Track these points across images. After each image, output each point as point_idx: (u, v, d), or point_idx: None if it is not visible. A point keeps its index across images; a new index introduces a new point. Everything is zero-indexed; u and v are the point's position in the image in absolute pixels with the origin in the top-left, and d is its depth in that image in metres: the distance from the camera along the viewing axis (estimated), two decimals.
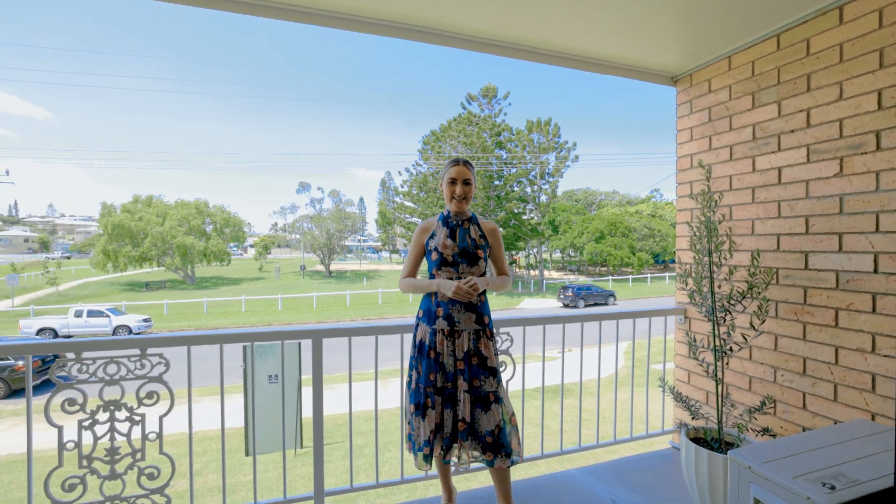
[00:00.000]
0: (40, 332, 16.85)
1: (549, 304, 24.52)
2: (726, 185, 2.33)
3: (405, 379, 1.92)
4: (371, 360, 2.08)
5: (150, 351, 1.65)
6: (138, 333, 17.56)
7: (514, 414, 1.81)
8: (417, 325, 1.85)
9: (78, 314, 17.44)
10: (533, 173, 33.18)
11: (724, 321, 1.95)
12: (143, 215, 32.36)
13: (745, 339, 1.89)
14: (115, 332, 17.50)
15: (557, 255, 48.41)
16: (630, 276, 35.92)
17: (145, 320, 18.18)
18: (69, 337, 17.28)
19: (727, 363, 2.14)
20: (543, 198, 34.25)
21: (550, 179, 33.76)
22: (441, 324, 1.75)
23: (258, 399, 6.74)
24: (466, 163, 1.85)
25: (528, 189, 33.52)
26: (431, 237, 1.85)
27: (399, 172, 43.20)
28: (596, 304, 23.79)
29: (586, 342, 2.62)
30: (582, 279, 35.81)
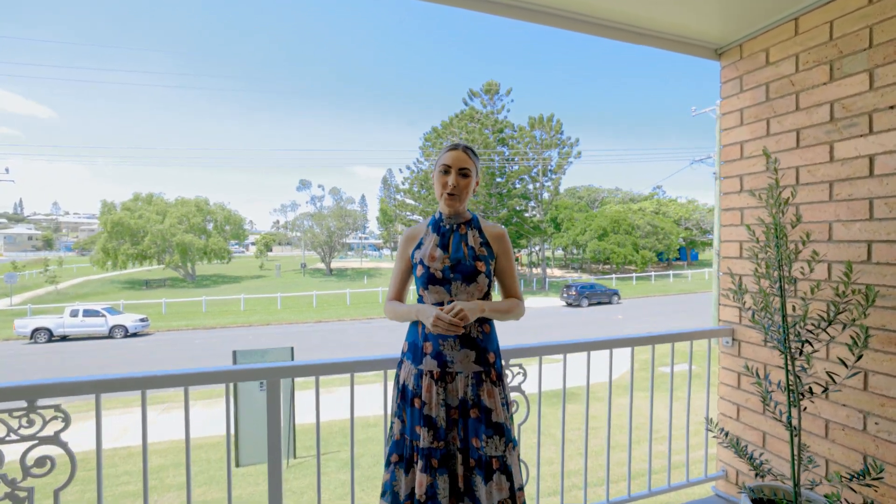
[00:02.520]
0: (35, 332, 16.51)
1: (553, 304, 24.05)
2: (792, 178, 1.87)
3: (387, 424, 1.50)
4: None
5: (40, 402, 1.23)
6: (25, 383, 17.19)
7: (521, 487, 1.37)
8: (401, 361, 1.42)
9: (74, 314, 17.08)
10: (535, 170, 32.60)
11: (801, 353, 1.51)
12: (143, 213, 32.19)
13: (833, 378, 1.45)
14: (111, 332, 17.14)
15: (560, 253, 47.90)
16: (634, 275, 35.37)
17: (142, 320, 17.83)
18: (65, 338, 16.95)
19: (805, 408, 1.69)
20: (546, 195, 33.67)
21: (553, 176, 33.16)
22: (429, 364, 1.32)
23: (246, 407, 6.38)
24: (467, 148, 1.39)
25: (531, 186, 32.96)
26: (418, 247, 1.42)
27: (400, 170, 42.67)
28: (599, 304, 23.32)
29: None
30: (585, 277, 35.31)
